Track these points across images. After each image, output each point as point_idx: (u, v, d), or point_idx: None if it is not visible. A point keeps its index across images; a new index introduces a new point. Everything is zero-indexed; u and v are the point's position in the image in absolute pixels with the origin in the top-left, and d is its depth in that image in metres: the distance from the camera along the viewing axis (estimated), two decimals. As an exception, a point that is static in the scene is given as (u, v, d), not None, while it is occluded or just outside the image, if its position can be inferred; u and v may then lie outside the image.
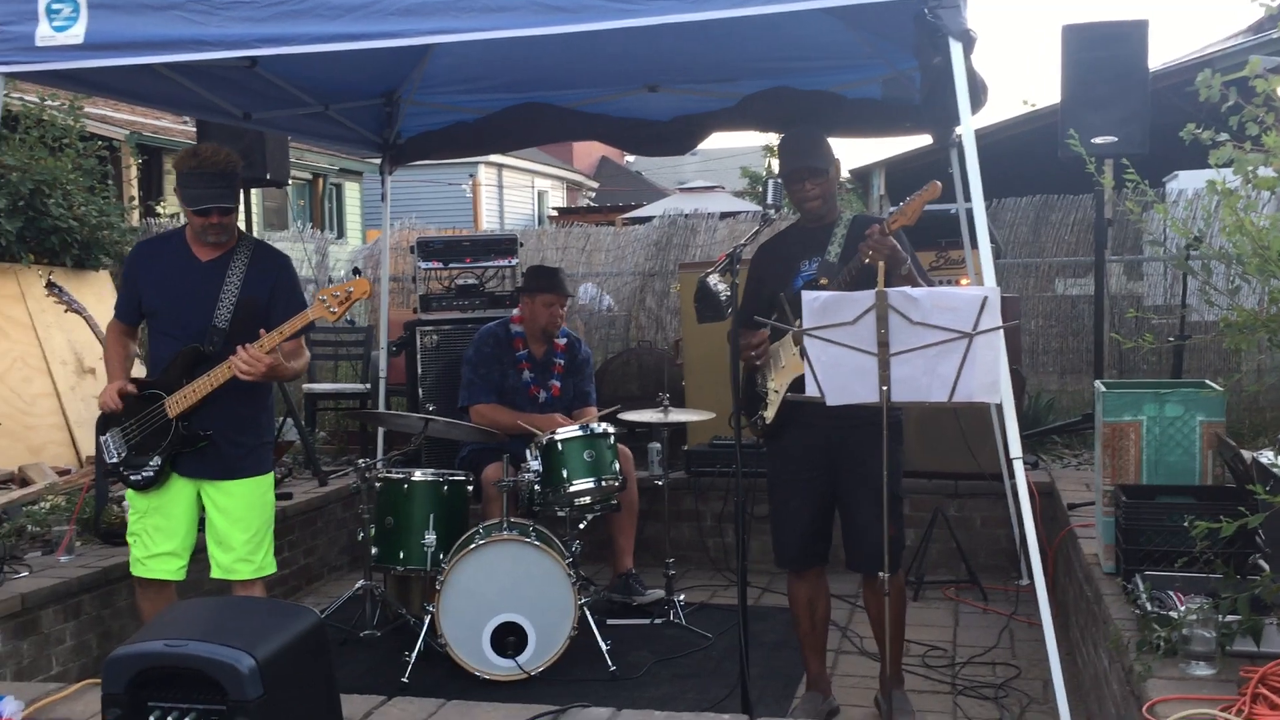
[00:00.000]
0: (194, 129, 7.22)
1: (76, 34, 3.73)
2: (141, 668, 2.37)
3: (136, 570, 4.07)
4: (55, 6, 3.74)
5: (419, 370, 6.52)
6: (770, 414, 3.92)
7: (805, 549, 4.00)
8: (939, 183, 3.57)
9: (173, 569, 4.04)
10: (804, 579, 4.05)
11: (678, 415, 5.38)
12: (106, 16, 3.70)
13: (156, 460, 3.95)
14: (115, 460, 4.03)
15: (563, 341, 5.60)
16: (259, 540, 4.08)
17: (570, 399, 5.60)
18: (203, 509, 4.08)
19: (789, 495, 3.99)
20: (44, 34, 3.74)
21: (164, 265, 4.05)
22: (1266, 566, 3.19)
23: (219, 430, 3.96)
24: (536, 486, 4.88)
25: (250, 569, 4.05)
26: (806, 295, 3.38)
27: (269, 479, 4.15)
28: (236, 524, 4.02)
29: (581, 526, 5.09)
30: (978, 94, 4.23)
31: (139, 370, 4.30)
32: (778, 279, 3.90)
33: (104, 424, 4.08)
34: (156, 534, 4.02)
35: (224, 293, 3.96)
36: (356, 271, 3.71)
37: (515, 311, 5.73)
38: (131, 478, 3.99)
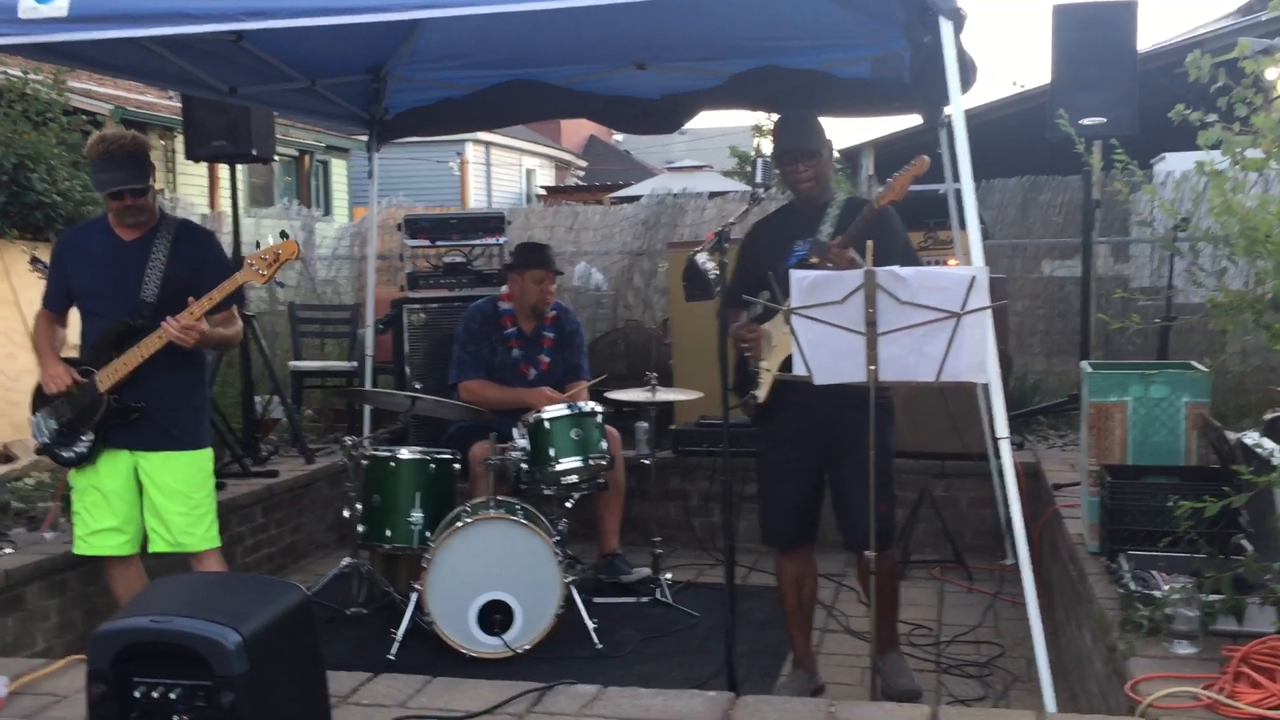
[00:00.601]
0: (179, 104, 7.16)
1: (60, 6, 3.67)
2: (127, 643, 2.36)
3: (79, 549, 4.15)
4: (38, -22, 3.69)
5: (406, 348, 6.50)
6: (762, 394, 3.93)
7: (794, 529, 4.01)
8: (926, 157, 3.57)
9: (115, 544, 4.09)
10: (791, 557, 4.06)
11: (665, 394, 5.38)
12: (90, -11, 3.66)
13: (89, 435, 3.99)
14: (46, 440, 4.08)
15: (552, 314, 5.59)
16: (201, 512, 4.12)
17: (561, 373, 5.59)
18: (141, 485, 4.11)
19: (779, 476, 4.00)
20: (27, 6, 3.69)
21: (89, 249, 4.13)
22: (1249, 546, 3.22)
23: (151, 401, 4.01)
24: (524, 465, 4.88)
25: (194, 540, 4.10)
26: (795, 274, 3.38)
27: (207, 454, 4.21)
28: (174, 497, 4.06)
29: (568, 505, 5.10)
30: (967, 74, 4.23)
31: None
32: (770, 259, 3.89)
33: (36, 405, 4.10)
34: (96, 510, 4.07)
35: (149, 269, 4.03)
36: (284, 234, 3.70)
37: (504, 289, 5.71)
38: (64, 455, 4.04)
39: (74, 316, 4.28)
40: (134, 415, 4.00)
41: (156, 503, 4.07)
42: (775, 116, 4.68)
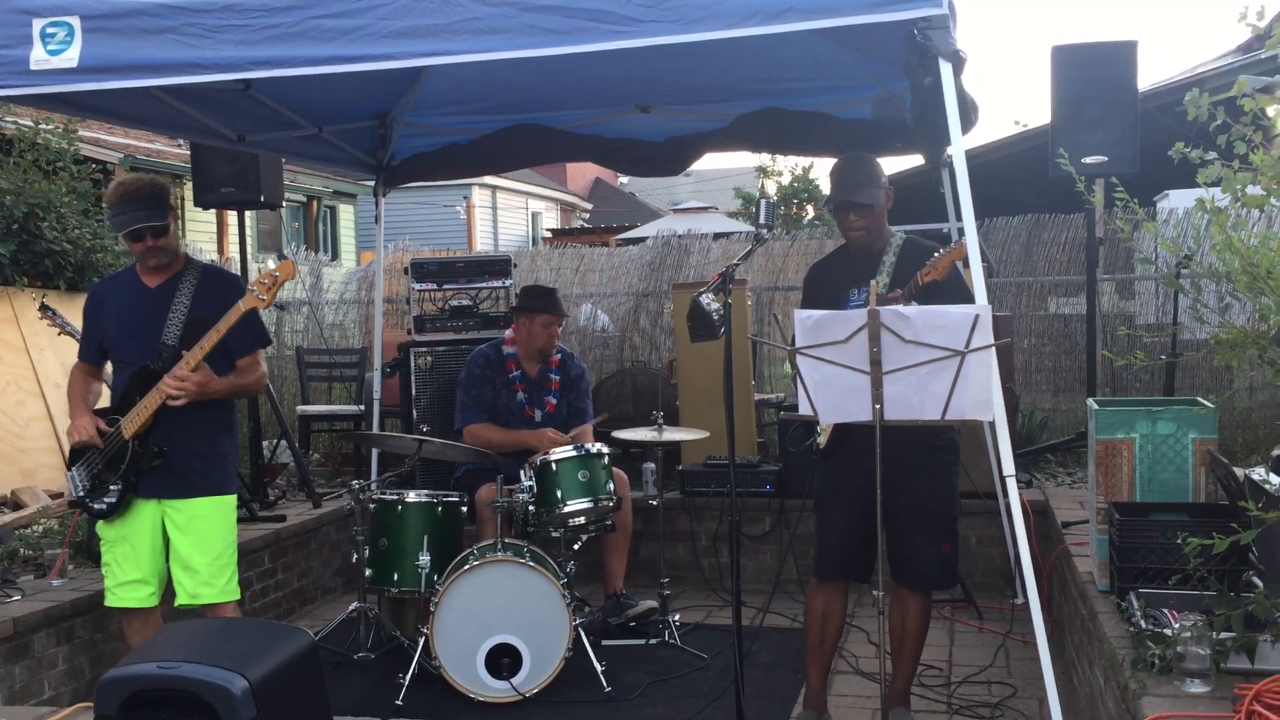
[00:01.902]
0: (188, 152, 7.24)
1: (71, 58, 3.74)
2: (134, 690, 2.37)
3: (109, 600, 4.12)
4: (50, 30, 3.75)
5: (413, 391, 6.52)
6: (824, 440, 3.93)
7: (840, 558, 3.99)
8: (964, 241, 3.56)
9: (142, 596, 4.06)
10: (825, 590, 4.04)
11: (672, 435, 5.38)
12: (101, 40, 3.71)
13: (117, 485, 3.97)
14: (81, 493, 4.07)
15: (556, 357, 5.61)
16: (222, 563, 4.07)
17: (565, 416, 5.60)
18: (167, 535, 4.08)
19: (833, 508, 3.99)
20: (38, 58, 3.75)
21: (116, 298, 4.16)
22: (1260, 583, 3.20)
23: (174, 447, 3.99)
24: (531, 507, 4.88)
25: (213, 592, 4.04)
26: (799, 314, 3.40)
27: (231, 500, 4.17)
28: (198, 546, 4.03)
29: (576, 547, 5.09)
30: (968, 114, 4.26)
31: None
32: (827, 306, 3.85)
33: (72, 459, 4.12)
34: (124, 562, 4.05)
35: (172, 313, 4.04)
36: (282, 256, 3.75)
37: (508, 333, 5.73)
38: (94, 507, 4.03)
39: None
40: (157, 461, 3.97)
41: (181, 553, 4.02)
42: (779, 158, 4.71)
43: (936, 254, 3.65)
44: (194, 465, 4.05)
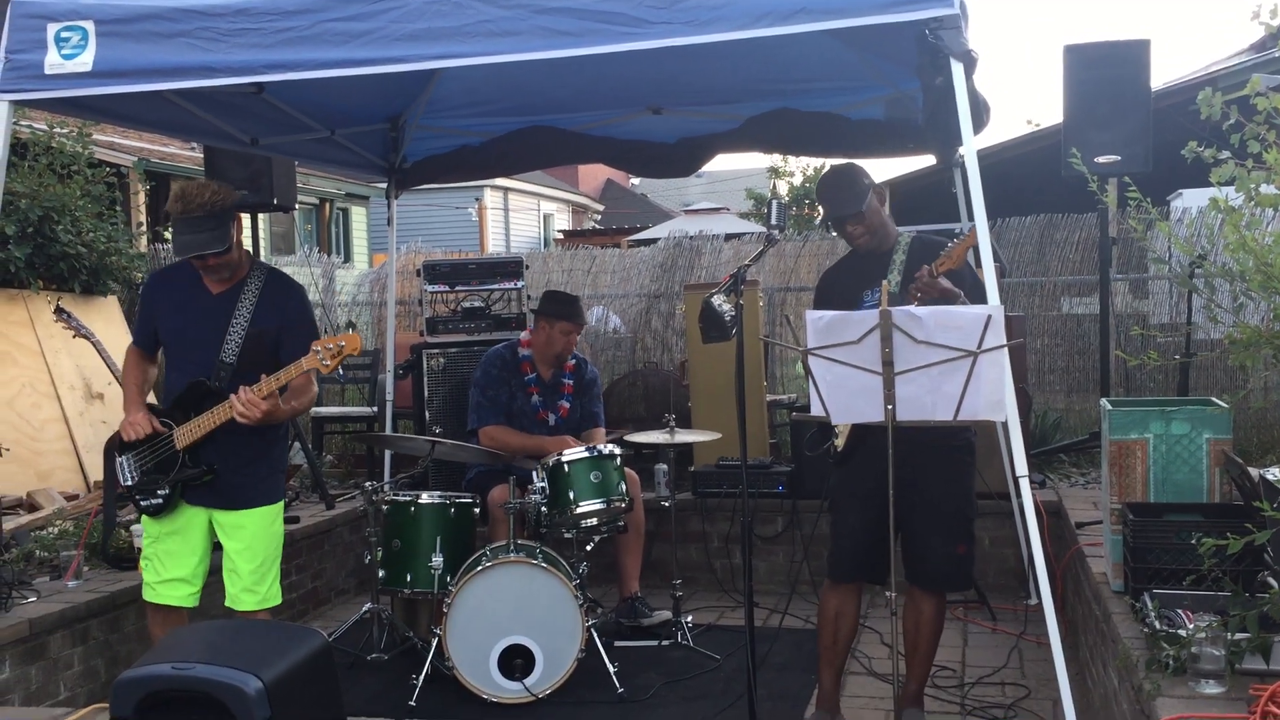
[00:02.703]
0: (201, 155, 7.27)
1: (85, 62, 3.76)
2: (149, 691, 2.38)
3: (148, 595, 4.07)
4: (64, 35, 3.78)
5: (425, 393, 6.53)
6: (841, 442, 3.92)
7: (854, 559, 3.98)
8: (975, 227, 3.56)
9: (183, 595, 4.03)
10: (839, 591, 4.03)
11: (684, 436, 5.38)
12: (115, 44, 3.74)
13: (165, 490, 3.96)
14: (130, 484, 4.03)
15: (571, 363, 5.61)
16: (265, 570, 4.05)
17: (578, 420, 5.61)
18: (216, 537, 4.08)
19: (848, 509, 3.99)
20: (53, 62, 3.78)
21: (177, 295, 4.04)
22: (1275, 584, 3.18)
23: (225, 464, 3.95)
24: (543, 508, 4.88)
25: (254, 599, 4.01)
26: (810, 315, 3.40)
27: (278, 507, 4.12)
28: (244, 552, 4.01)
29: (589, 548, 5.09)
30: (980, 114, 4.26)
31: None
32: (841, 308, 3.85)
33: (120, 446, 4.08)
34: (169, 559, 4.02)
35: (233, 326, 3.94)
36: (351, 326, 3.76)
37: (523, 335, 5.73)
38: (143, 503, 4.00)
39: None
40: (207, 478, 3.94)
41: (230, 556, 4.01)
42: (790, 158, 4.72)
43: (951, 243, 3.64)
44: (244, 480, 4.01)
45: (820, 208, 4.10)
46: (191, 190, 3.83)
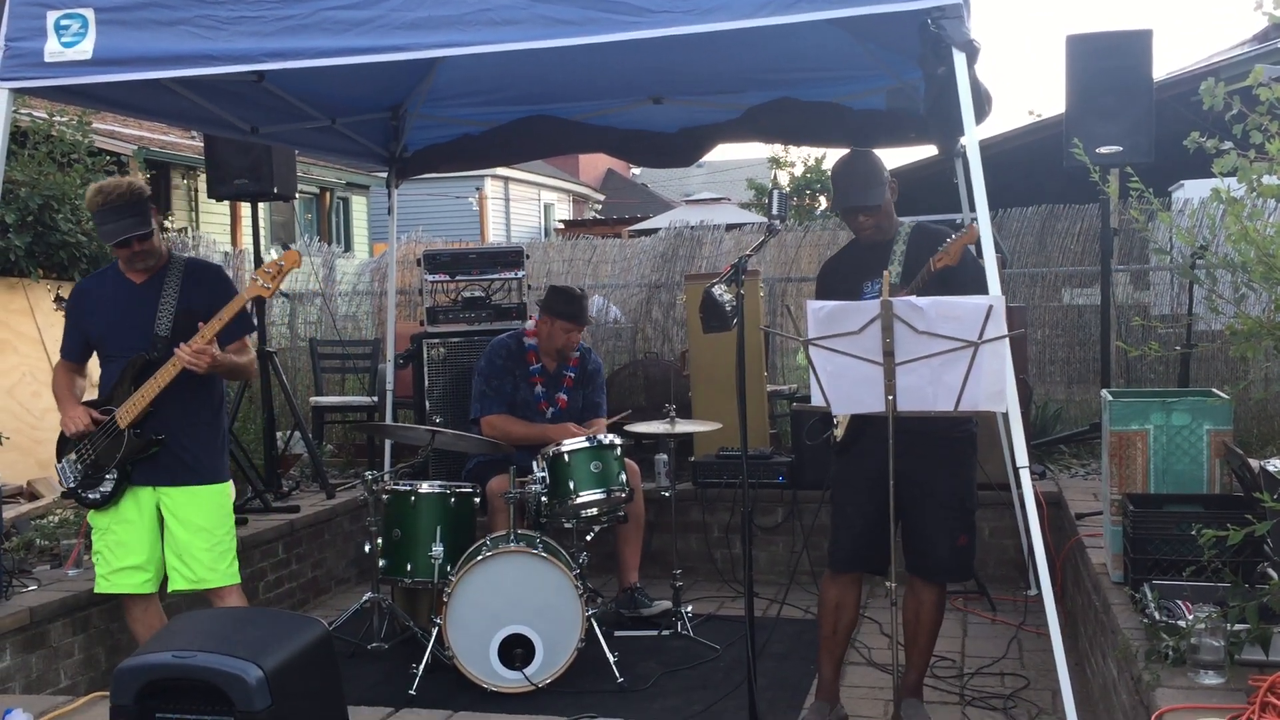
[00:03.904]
0: (201, 143, 7.25)
1: (85, 50, 3.75)
2: (150, 679, 2.38)
3: (101, 587, 4.16)
4: (64, 23, 3.77)
5: (426, 383, 6.53)
6: (840, 432, 3.92)
7: (854, 550, 3.98)
8: (974, 223, 3.56)
9: (138, 582, 4.11)
10: (839, 582, 4.03)
11: (684, 426, 5.37)
12: (114, 32, 3.73)
13: (113, 474, 4.02)
14: (72, 484, 4.12)
15: (575, 355, 5.61)
16: (223, 549, 4.15)
17: (580, 410, 5.60)
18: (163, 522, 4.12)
19: (850, 498, 3.99)
20: (53, 50, 3.77)
21: (103, 296, 4.19)
22: (1275, 575, 3.19)
23: (171, 434, 4.05)
24: (543, 498, 4.88)
25: (217, 577, 4.12)
26: (811, 305, 3.39)
27: (226, 487, 4.24)
28: (198, 534, 4.09)
29: (589, 538, 5.09)
30: (982, 104, 4.24)
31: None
32: (842, 299, 3.85)
33: (61, 451, 4.15)
34: (119, 549, 4.10)
35: (161, 306, 4.09)
36: (286, 246, 3.78)
37: (529, 324, 5.72)
38: (89, 497, 4.08)
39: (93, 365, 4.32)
40: (154, 449, 4.03)
41: (180, 539, 4.09)
42: (791, 149, 4.71)
43: (949, 239, 3.64)
44: (190, 452, 4.11)
45: (833, 193, 4.06)
46: (109, 185, 4.06)
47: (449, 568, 4.69)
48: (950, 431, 3.80)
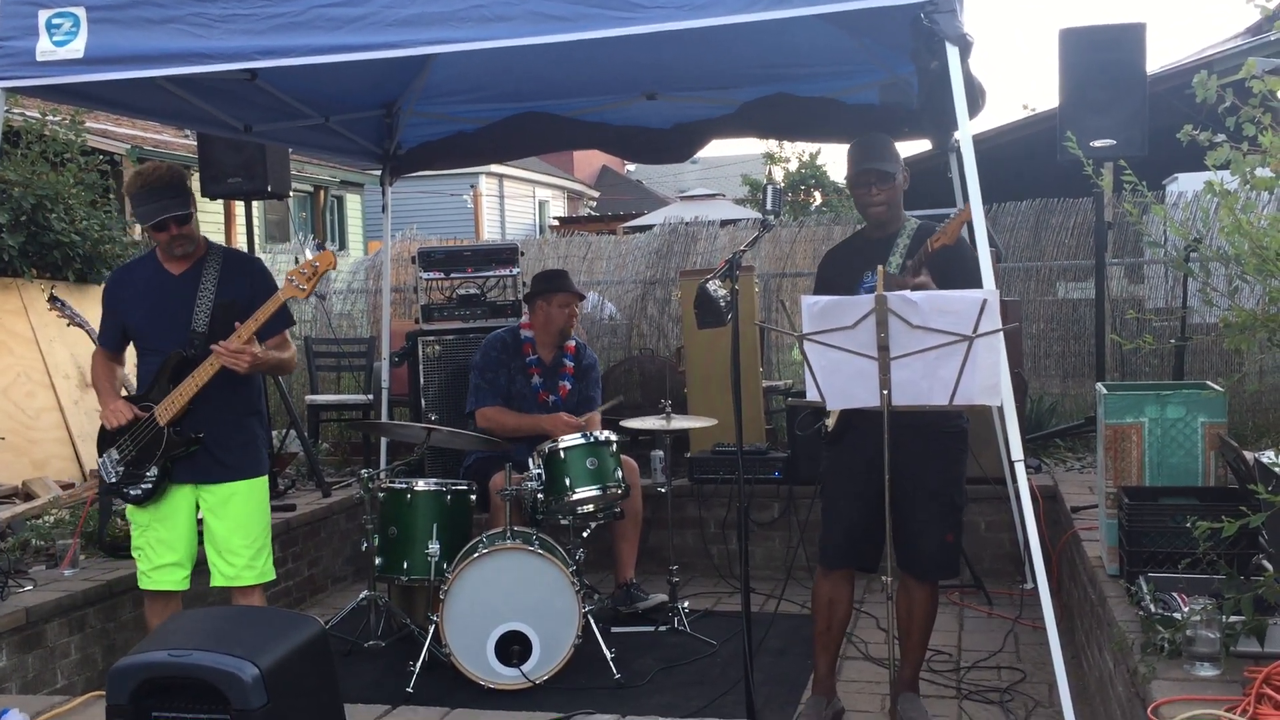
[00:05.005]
0: (195, 142, 7.24)
1: (77, 49, 3.75)
2: (145, 678, 2.38)
3: (144, 584, 4.13)
4: (55, 21, 3.76)
5: (421, 380, 6.52)
6: (831, 422, 3.92)
7: (845, 547, 3.98)
8: (969, 205, 3.56)
9: (177, 579, 4.10)
10: (831, 578, 4.03)
11: (680, 422, 5.38)
12: (106, 31, 3.72)
13: (153, 471, 3.99)
14: (114, 480, 4.08)
15: (571, 344, 5.62)
16: (260, 545, 4.14)
17: (577, 402, 5.61)
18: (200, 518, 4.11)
19: (840, 494, 3.98)
20: (44, 49, 3.76)
21: (140, 286, 4.14)
22: (1270, 567, 3.19)
23: (210, 432, 4.02)
24: (539, 495, 4.88)
25: (254, 574, 4.11)
26: (806, 300, 3.39)
27: (264, 483, 4.22)
28: (237, 530, 4.07)
29: (585, 535, 5.10)
30: (975, 98, 4.24)
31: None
32: (840, 290, 3.82)
33: (102, 445, 4.12)
34: (160, 546, 4.06)
35: (199, 300, 4.04)
36: (320, 246, 3.76)
37: (523, 319, 5.73)
38: (130, 493, 4.04)
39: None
40: (193, 446, 4.00)
41: (219, 536, 4.07)
42: (786, 145, 4.71)
43: (946, 219, 3.65)
44: (229, 449, 4.09)
45: (848, 163, 4.03)
46: (147, 168, 4.04)
47: (445, 565, 4.69)
48: (941, 425, 3.79)
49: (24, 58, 3.77)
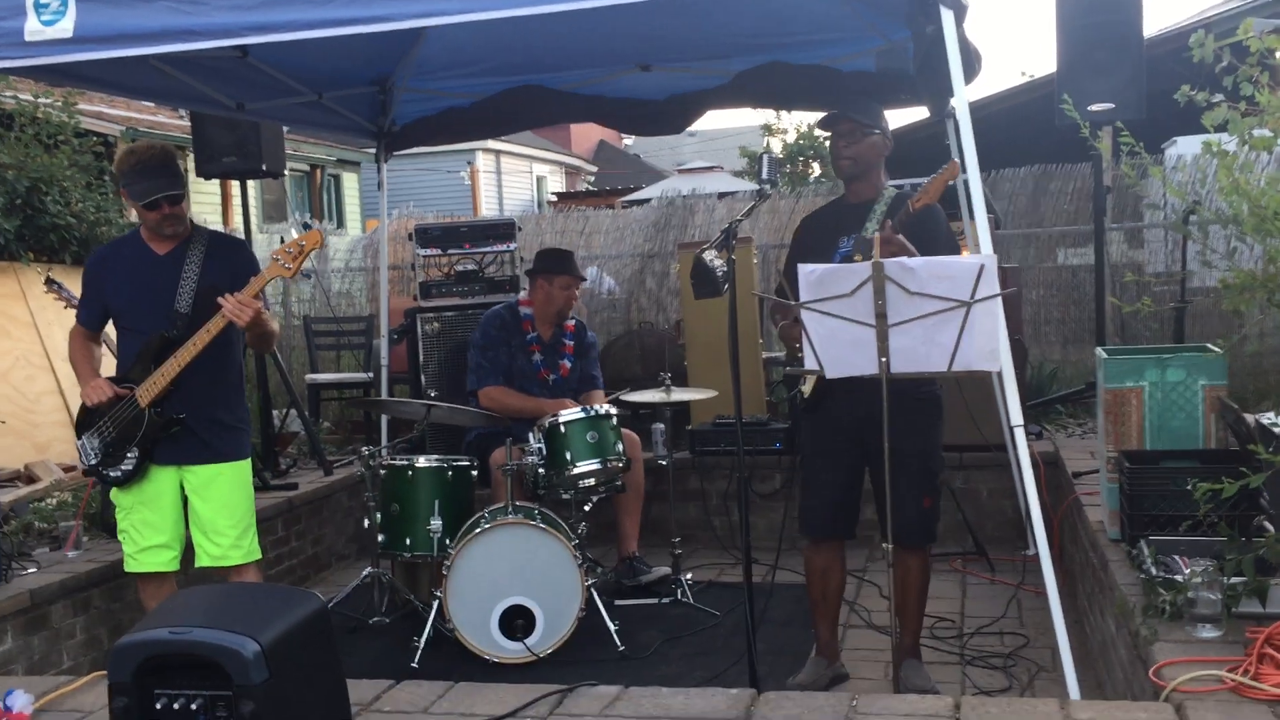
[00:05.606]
0: (188, 122, 7.20)
1: (65, 28, 3.70)
2: (147, 655, 2.37)
3: (130, 566, 4.15)
4: (43, 1, 3.72)
5: (421, 357, 6.52)
6: (808, 389, 3.92)
7: (829, 519, 3.99)
8: (956, 161, 3.55)
9: (164, 560, 4.11)
10: (820, 550, 4.05)
11: (680, 395, 5.37)
12: (95, 9, 3.68)
13: (134, 452, 3.99)
14: (94, 461, 4.08)
15: (571, 323, 5.60)
16: (246, 525, 4.14)
17: (577, 381, 5.60)
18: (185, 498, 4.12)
19: (820, 466, 3.98)
20: (33, 29, 3.72)
21: (123, 265, 4.13)
22: (1270, 528, 3.19)
23: (192, 413, 4.02)
24: (541, 469, 4.88)
25: (240, 554, 4.11)
26: (803, 268, 3.38)
27: (248, 464, 4.22)
28: (221, 510, 4.07)
29: (587, 509, 5.10)
30: (971, 63, 4.21)
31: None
32: (816, 255, 3.82)
33: (81, 426, 4.11)
34: (145, 528, 4.08)
35: (183, 281, 4.04)
36: (307, 225, 3.75)
37: (522, 294, 5.71)
38: (110, 475, 4.04)
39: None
40: (175, 428, 3.99)
41: (204, 517, 4.07)
42: (784, 115, 4.70)
43: (926, 181, 3.63)
44: (212, 430, 4.08)
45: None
46: (140, 146, 4.06)
47: (448, 541, 4.70)
48: (912, 391, 3.71)
49: (12, 38, 3.73)
